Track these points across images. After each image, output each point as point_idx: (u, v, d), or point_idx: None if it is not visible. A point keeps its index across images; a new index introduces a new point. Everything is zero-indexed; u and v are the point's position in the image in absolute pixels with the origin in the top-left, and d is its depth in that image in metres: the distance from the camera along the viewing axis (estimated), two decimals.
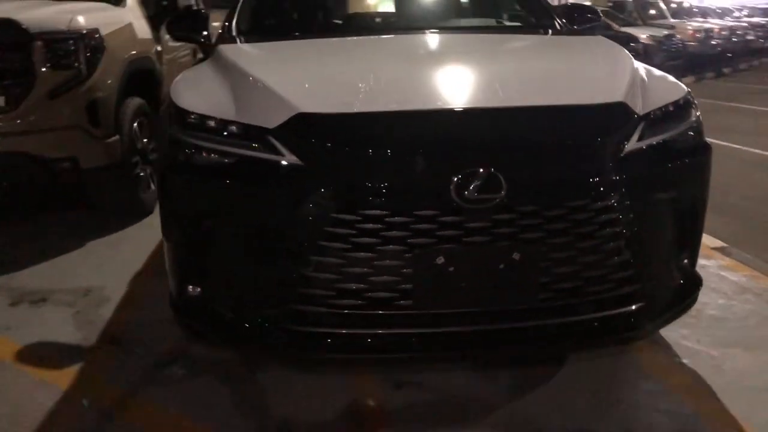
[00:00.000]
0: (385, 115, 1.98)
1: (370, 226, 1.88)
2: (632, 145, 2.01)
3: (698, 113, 2.26)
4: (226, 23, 3.14)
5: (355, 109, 1.98)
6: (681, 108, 2.20)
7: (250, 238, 2.04)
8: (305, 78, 2.22)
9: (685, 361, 2.51)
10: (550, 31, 3.16)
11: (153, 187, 4.76)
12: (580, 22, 3.33)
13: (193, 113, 2.15)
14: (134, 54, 4.58)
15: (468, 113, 1.99)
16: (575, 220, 1.92)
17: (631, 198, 1.98)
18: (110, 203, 4.44)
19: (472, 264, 1.91)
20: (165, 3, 5.27)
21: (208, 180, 2.07)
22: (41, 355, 2.77)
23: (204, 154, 2.08)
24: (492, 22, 3.46)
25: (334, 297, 1.94)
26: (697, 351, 2.58)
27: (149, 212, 4.61)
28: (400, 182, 1.90)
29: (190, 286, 2.21)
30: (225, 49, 2.63)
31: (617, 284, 2.00)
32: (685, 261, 2.24)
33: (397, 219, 1.88)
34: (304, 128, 1.96)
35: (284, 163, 1.96)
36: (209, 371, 2.56)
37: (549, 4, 3.36)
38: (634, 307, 2.03)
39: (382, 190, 1.89)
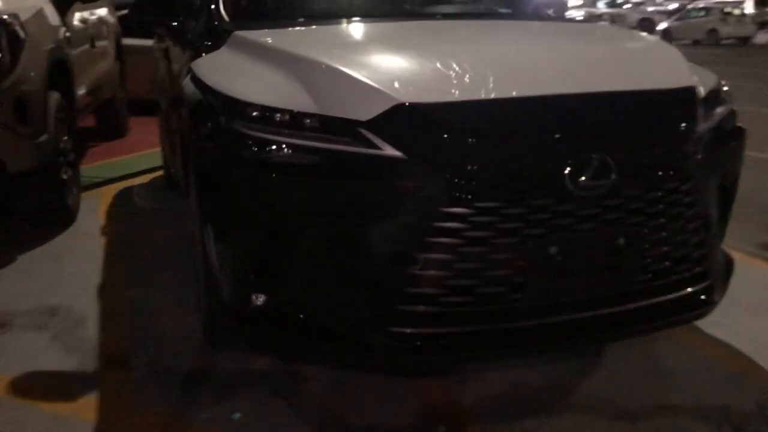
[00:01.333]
0: (492, 102, 1.89)
1: (484, 218, 1.81)
2: (702, 127, 2.10)
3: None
4: (209, 6, 2.88)
5: (461, 98, 1.89)
6: (721, 93, 2.33)
7: (346, 237, 1.87)
8: (390, 66, 2.07)
9: (709, 332, 2.66)
10: (551, 17, 3.23)
11: (75, 191, 4.34)
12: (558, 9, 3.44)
13: (258, 105, 1.95)
14: (52, 43, 4.12)
15: (575, 99, 1.96)
16: (669, 202, 1.97)
17: (702, 179, 2.07)
18: (37, 212, 3.96)
19: (582, 252, 1.91)
20: None
21: (291, 177, 1.88)
22: (41, 386, 2.40)
23: (281, 150, 1.89)
24: (494, 8, 3.45)
25: (445, 295, 1.86)
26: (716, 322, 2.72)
27: (74, 220, 4.19)
28: (513, 172, 1.84)
29: (256, 295, 2.01)
30: (256, 35, 2.40)
31: (697, 263, 2.09)
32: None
33: (511, 210, 1.82)
34: (407, 119, 1.84)
35: (383, 156, 1.84)
36: (252, 385, 2.36)
37: None
38: (708, 282, 2.13)
39: (495, 180, 1.82)
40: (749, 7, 31.49)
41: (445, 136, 1.84)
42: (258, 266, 2.00)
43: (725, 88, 2.39)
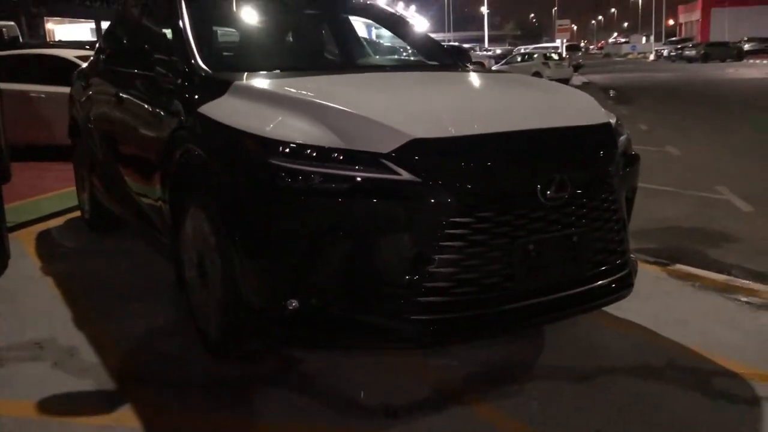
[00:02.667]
0: (481, 136, 2.44)
1: (482, 225, 2.36)
2: (618, 152, 2.79)
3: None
4: (188, 59, 3.21)
5: (457, 133, 2.42)
6: (620, 126, 3.04)
7: (372, 245, 2.33)
8: (396, 108, 2.54)
9: (618, 314, 3.36)
10: (469, 67, 3.88)
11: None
12: (464, 60, 4.11)
13: (292, 142, 2.38)
14: None
15: (538, 133, 2.55)
16: (603, 209, 2.62)
17: (619, 191, 2.75)
18: None
19: (550, 248, 2.49)
20: None
21: (325, 199, 2.31)
22: (70, 405, 2.59)
23: (316, 178, 2.31)
24: (424, 60, 4.05)
25: (455, 287, 2.37)
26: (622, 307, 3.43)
27: (6, 264, 4.23)
28: (502, 189, 2.40)
29: (293, 301, 2.41)
30: (256, 84, 2.80)
31: (621, 255, 2.75)
32: None
33: (501, 218, 2.38)
34: (419, 151, 2.35)
35: (402, 180, 2.33)
36: (269, 384, 2.71)
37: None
38: (628, 270, 2.80)
39: (489, 195, 2.37)
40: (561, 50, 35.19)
41: (450, 162, 2.36)
42: (296, 276, 2.39)
43: (620, 122, 3.13)
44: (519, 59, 29.75)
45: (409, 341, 2.42)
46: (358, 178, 2.33)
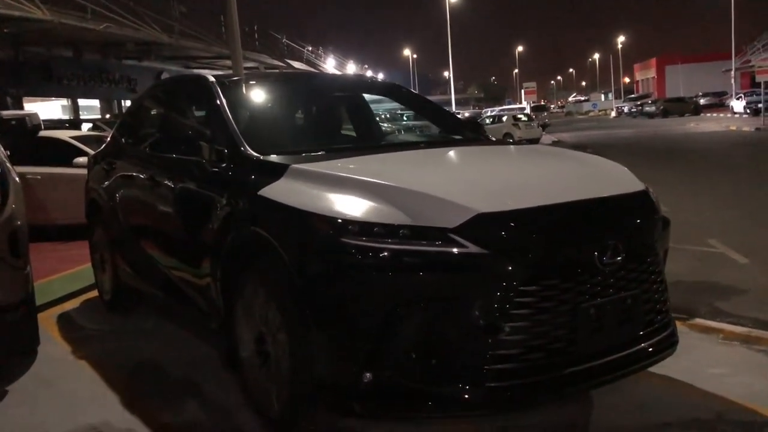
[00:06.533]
0: (543, 209, 2.61)
1: (548, 292, 2.50)
2: (658, 217, 2.99)
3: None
4: (231, 141, 3.35)
5: (520, 206, 2.58)
6: (652, 191, 3.25)
7: (444, 316, 2.45)
8: (455, 184, 2.70)
9: None
10: (492, 139, 4.11)
11: None
12: (481, 132, 4.34)
13: (360, 221, 2.52)
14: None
15: (590, 203, 2.73)
16: (650, 271, 2.79)
17: (660, 253, 2.93)
18: (16, 346, 3.97)
19: (608, 311, 2.64)
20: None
21: (397, 274, 2.44)
22: None
23: (387, 254, 2.45)
24: (449, 135, 4.26)
25: (525, 353, 2.49)
26: None
27: (38, 343, 4.22)
28: (564, 257, 2.56)
29: (367, 374, 2.51)
30: (315, 167, 2.95)
31: (665, 313, 2.91)
32: None
33: (565, 284, 2.53)
34: (486, 225, 2.50)
35: (470, 252, 2.47)
36: None
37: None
38: (673, 327, 2.96)
39: (553, 264, 2.52)
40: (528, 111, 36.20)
41: (514, 234, 2.52)
42: (370, 349, 2.49)
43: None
44: (488, 121, 30.55)
45: (486, 408, 2.52)
46: (429, 253, 2.47)
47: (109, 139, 5.34)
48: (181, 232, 3.75)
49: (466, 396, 2.47)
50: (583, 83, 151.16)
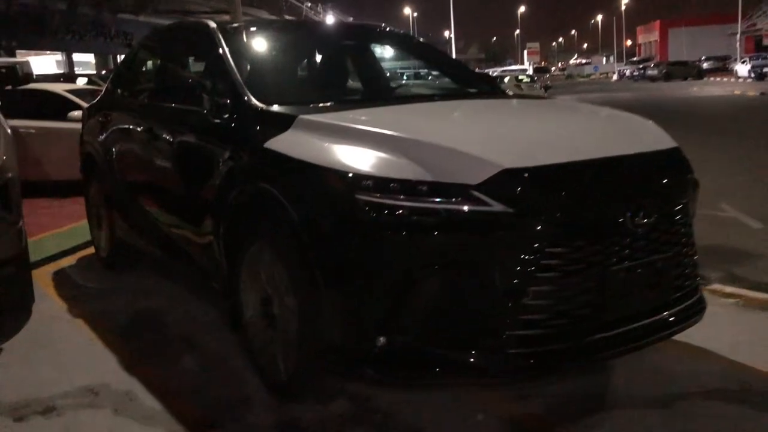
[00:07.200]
0: (573, 164, 2.42)
1: (576, 254, 2.33)
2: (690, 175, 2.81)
3: None
4: (234, 91, 3.15)
5: (548, 161, 2.40)
6: None
7: (465, 279, 2.29)
8: (478, 138, 2.52)
9: None
10: (509, 93, 3.91)
11: None
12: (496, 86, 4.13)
13: (375, 176, 2.33)
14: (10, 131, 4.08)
15: (625, 159, 2.55)
16: (682, 233, 2.62)
17: (691, 214, 2.76)
18: (9, 302, 3.83)
19: (638, 275, 2.48)
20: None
21: (415, 234, 2.26)
22: None
23: (405, 212, 2.28)
24: (463, 88, 4.04)
25: (550, 319, 2.33)
26: None
27: (33, 301, 4.09)
28: (593, 217, 2.37)
29: (381, 338, 2.36)
30: (324, 119, 2.76)
31: (694, 278, 2.75)
32: None
33: (595, 246, 2.36)
34: (511, 181, 2.32)
35: (494, 211, 2.30)
36: (341, 425, 2.64)
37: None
38: (700, 294, 2.80)
39: (582, 224, 2.35)
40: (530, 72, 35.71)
41: (541, 192, 2.34)
42: (384, 312, 2.34)
43: None
44: None
45: (506, 376, 2.38)
46: (449, 211, 2.29)
47: (104, 90, 5.12)
48: (181, 187, 3.57)
49: (486, 363, 2.32)
50: (585, 45, 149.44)
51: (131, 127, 4.16)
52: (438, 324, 2.33)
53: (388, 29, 4.50)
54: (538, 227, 2.30)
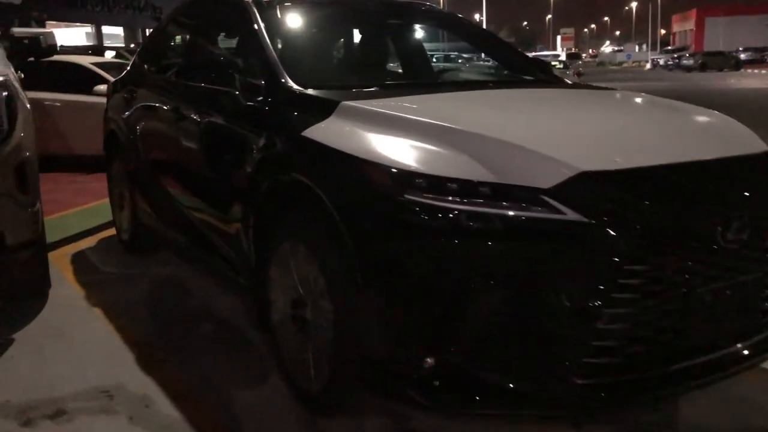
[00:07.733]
0: (658, 169, 2.12)
1: (659, 273, 2.02)
2: None
3: None
4: (269, 71, 2.87)
5: (631, 165, 2.09)
6: None
7: (531, 297, 2.00)
8: (550, 135, 2.22)
9: None
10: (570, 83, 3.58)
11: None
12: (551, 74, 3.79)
13: (429, 175, 2.04)
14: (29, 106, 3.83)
15: (715, 164, 2.24)
16: None
17: None
18: (15, 285, 3.61)
19: (725, 297, 2.17)
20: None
21: (474, 242, 1.98)
22: None
23: (461, 217, 1.98)
24: (518, 75, 3.71)
25: (626, 345, 2.03)
26: None
27: (49, 286, 3.86)
28: (682, 230, 2.06)
29: (429, 359, 2.08)
30: (375, 103, 2.45)
31: None
32: None
33: (680, 264, 2.05)
34: (588, 187, 2.02)
35: (567, 220, 1.99)
36: None
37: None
38: None
39: (667, 239, 2.03)
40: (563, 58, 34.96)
41: (622, 200, 2.03)
42: (434, 330, 2.05)
43: None
44: None
45: (573, 409, 2.09)
46: (514, 218, 1.99)
47: (130, 65, 4.86)
48: (209, 172, 3.30)
49: (552, 393, 2.03)
50: (617, 33, 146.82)
51: (157, 105, 3.89)
52: (495, 346, 2.04)
53: (435, 8, 4.17)
54: (618, 240, 1.98)
